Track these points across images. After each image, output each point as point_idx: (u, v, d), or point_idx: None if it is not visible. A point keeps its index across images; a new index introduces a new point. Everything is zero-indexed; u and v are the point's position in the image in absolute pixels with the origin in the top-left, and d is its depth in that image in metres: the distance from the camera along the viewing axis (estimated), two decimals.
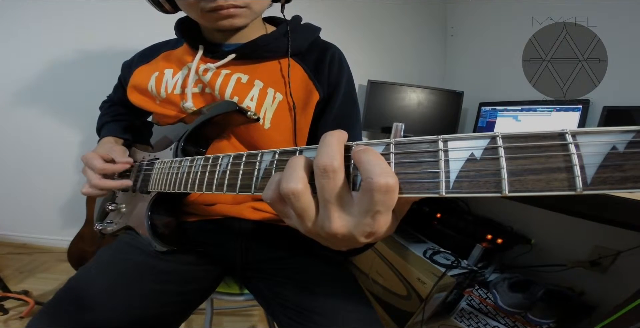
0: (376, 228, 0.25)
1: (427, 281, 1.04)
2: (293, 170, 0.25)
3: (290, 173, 0.25)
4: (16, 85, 1.41)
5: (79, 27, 1.39)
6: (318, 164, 0.24)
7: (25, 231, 1.59)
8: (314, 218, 0.26)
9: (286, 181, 0.25)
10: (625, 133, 0.17)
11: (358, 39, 1.73)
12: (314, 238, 0.29)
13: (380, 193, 0.22)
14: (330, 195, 0.24)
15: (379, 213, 0.24)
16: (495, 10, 1.60)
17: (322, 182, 0.24)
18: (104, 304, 0.48)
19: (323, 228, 0.26)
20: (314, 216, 0.26)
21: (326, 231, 0.26)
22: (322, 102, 0.61)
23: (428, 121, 1.65)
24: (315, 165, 0.24)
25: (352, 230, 0.25)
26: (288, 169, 0.26)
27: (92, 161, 0.56)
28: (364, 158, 0.23)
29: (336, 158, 0.24)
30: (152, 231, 0.53)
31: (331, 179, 0.24)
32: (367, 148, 0.24)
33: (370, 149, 0.24)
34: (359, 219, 0.24)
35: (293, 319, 0.52)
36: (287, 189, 0.25)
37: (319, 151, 0.25)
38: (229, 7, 0.52)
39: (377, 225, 0.24)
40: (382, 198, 0.23)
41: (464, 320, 1.06)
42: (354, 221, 0.25)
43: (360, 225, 0.25)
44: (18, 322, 1.05)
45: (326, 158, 0.24)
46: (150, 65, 0.67)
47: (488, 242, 1.14)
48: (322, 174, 0.24)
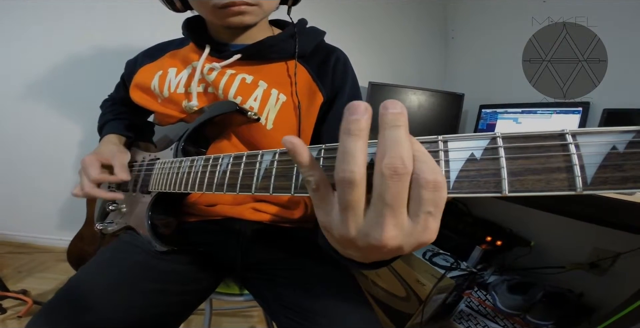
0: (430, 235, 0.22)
1: (426, 283, 1.04)
2: (352, 155, 0.22)
3: (350, 158, 0.22)
4: (17, 85, 1.41)
5: (82, 27, 1.40)
6: (388, 164, 0.21)
7: (25, 230, 1.59)
8: (362, 219, 0.23)
9: (347, 163, 0.21)
10: (625, 133, 0.18)
11: (359, 41, 1.73)
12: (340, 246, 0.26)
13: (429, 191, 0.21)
14: (394, 200, 0.21)
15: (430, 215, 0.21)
16: (495, 12, 1.61)
17: (389, 184, 0.21)
18: (104, 304, 0.48)
19: (369, 235, 0.22)
20: (362, 218, 0.23)
21: (372, 240, 0.22)
22: (326, 104, 0.61)
23: (428, 123, 1.65)
24: (384, 164, 0.21)
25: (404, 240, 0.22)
26: (346, 154, 0.22)
27: (89, 168, 0.55)
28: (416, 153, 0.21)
29: (409, 160, 0.21)
30: (153, 231, 0.53)
31: (400, 181, 0.21)
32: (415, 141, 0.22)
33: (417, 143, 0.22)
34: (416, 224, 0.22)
35: (292, 320, 0.52)
36: (346, 173, 0.21)
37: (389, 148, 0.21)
38: (241, 4, 0.52)
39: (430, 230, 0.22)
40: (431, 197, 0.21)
41: (463, 322, 1.06)
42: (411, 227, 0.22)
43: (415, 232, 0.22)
44: (16, 321, 1.05)
45: (398, 159, 0.21)
46: (156, 64, 0.67)
47: (487, 244, 1.14)
48: (391, 176, 0.21)
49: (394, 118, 0.21)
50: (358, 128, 0.22)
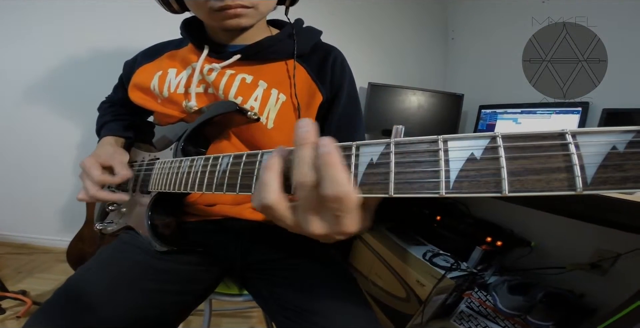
0: (346, 228, 0.27)
1: (426, 284, 1.04)
2: (265, 185, 0.28)
3: (263, 188, 0.28)
4: (18, 86, 1.42)
5: (81, 29, 1.40)
6: (296, 180, 0.26)
7: (25, 231, 1.59)
8: (293, 222, 0.29)
9: (260, 196, 0.28)
10: (625, 132, 0.17)
11: (359, 41, 1.73)
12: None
13: (332, 203, 0.25)
14: (308, 204, 0.27)
15: (340, 217, 0.26)
16: (495, 13, 1.61)
17: (300, 194, 0.27)
18: (103, 303, 0.48)
19: (302, 229, 0.29)
20: (293, 221, 0.29)
21: (305, 231, 0.29)
22: (326, 103, 0.62)
23: (428, 123, 1.65)
24: (294, 180, 0.27)
25: (328, 230, 0.28)
26: (260, 185, 0.28)
27: (91, 170, 0.55)
28: (321, 168, 0.25)
29: (311, 174, 0.26)
30: (152, 231, 0.53)
31: (307, 191, 0.26)
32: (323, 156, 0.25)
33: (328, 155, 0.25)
34: (331, 222, 0.27)
35: (292, 320, 0.52)
36: (262, 204, 0.28)
37: (295, 166, 0.27)
38: (237, 6, 0.52)
39: (344, 227, 0.27)
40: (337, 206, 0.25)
41: (464, 322, 1.06)
42: (328, 224, 0.27)
43: (333, 227, 0.27)
44: (15, 321, 1.05)
45: (301, 175, 0.26)
46: (154, 64, 0.67)
47: (488, 244, 1.13)
48: (300, 189, 0.26)
49: (302, 137, 0.26)
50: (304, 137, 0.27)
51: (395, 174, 0.24)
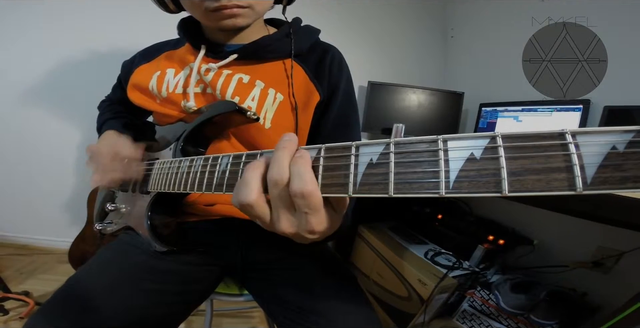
0: (312, 227, 0.29)
1: (428, 283, 1.04)
2: (246, 184, 0.29)
3: (244, 187, 0.29)
4: (17, 86, 1.42)
5: (80, 29, 1.40)
6: (270, 177, 0.28)
7: (26, 232, 1.60)
8: (269, 220, 0.31)
9: (241, 194, 0.30)
10: (625, 132, 0.17)
11: (358, 40, 1.73)
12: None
13: (299, 198, 0.27)
14: (280, 202, 0.29)
15: (307, 214, 0.28)
16: (495, 11, 1.60)
17: (274, 192, 0.29)
18: (103, 304, 0.48)
19: (275, 227, 0.30)
20: (269, 219, 0.31)
21: (276, 229, 0.31)
22: (323, 103, 0.61)
23: (428, 122, 1.65)
24: (268, 178, 0.28)
25: (298, 229, 0.30)
26: (242, 184, 0.30)
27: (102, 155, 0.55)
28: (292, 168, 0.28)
29: (285, 173, 0.28)
30: (152, 231, 0.53)
31: (281, 190, 0.28)
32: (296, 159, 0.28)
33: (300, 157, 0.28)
34: (299, 220, 0.29)
35: (292, 320, 0.52)
36: (242, 202, 0.30)
37: (271, 166, 0.29)
38: (232, 6, 0.52)
39: (311, 225, 0.29)
40: (303, 202, 0.27)
41: (466, 321, 1.06)
42: (297, 222, 0.29)
43: (301, 225, 0.29)
44: (18, 322, 1.05)
45: (276, 173, 0.28)
46: (152, 64, 0.67)
47: (490, 243, 1.13)
48: (273, 187, 0.28)
49: (282, 143, 0.29)
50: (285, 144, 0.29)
51: (395, 174, 0.24)
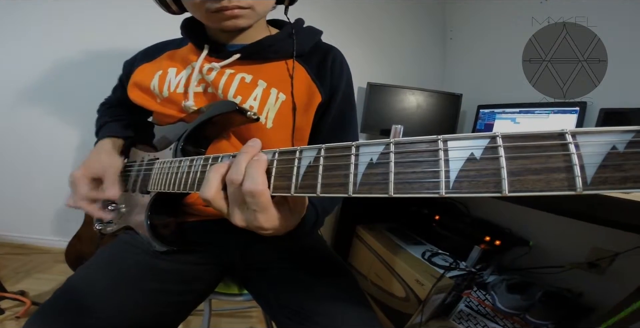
0: (261, 224, 0.33)
1: (425, 283, 1.04)
2: (207, 182, 0.34)
3: (205, 185, 0.34)
4: (17, 86, 1.41)
5: (81, 29, 1.39)
6: (227, 177, 0.33)
7: (23, 231, 1.59)
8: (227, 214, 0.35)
9: (202, 191, 0.34)
10: (625, 132, 0.17)
11: (357, 41, 1.73)
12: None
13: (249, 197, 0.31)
14: (234, 199, 0.33)
15: (256, 212, 0.32)
16: (494, 12, 1.61)
17: (229, 190, 0.33)
18: (103, 303, 0.48)
19: (231, 220, 0.35)
20: (226, 213, 0.35)
21: (233, 223, 0.34)
22: (324, 104, 0.62)
23: (427, 123, 1.65)
24: (227, 177, 0.33)
25: (247, 223, 0.34)
26: (205, 182, 0.35)
27: (79, 186, 0.56)
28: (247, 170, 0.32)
29: (240, 174, 0.32)
30: (152, 231, 0.53)
31: (236, 188, 0.32)
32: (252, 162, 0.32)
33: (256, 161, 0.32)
34: (249, 216, 0.33)
35: (292, 320, 0.52)
36: (202, 197, 0.34)
37: (231, 167, 0.33)
38: (234, 8, 0.52)
39: (259, 222, 0.33)
40: (252, 200, 0.31)
41: (463, 321, 1.06)
42: (248, 217, 0.33)
43: (250, 221, 0.33)
44: (14, 322, 1.04)
45: (234, 174, 0.32)
46: (154, 63, 0.67)
47: (486, 244, 1.14)
48: (230, 185, 0.33)
49: (245, 147, 0.33)
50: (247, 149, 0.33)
51: (395, 174, 0.24)
